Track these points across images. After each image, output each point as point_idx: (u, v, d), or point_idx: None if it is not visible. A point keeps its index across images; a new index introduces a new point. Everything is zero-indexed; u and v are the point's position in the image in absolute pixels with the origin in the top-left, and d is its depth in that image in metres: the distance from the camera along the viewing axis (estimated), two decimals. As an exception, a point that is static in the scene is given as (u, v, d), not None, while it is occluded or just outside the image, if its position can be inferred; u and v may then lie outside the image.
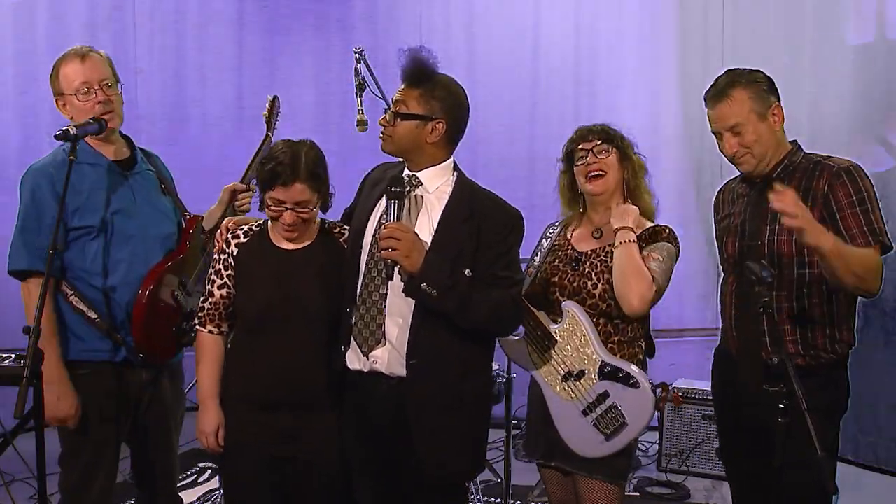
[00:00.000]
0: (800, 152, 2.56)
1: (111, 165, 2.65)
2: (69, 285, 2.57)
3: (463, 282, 2.28)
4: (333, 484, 2.47)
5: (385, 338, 2.34)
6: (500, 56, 5.48)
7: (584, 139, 2.64)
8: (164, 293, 2.64)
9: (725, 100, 2.49)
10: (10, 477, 3.87)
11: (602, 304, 2.56)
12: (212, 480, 4.27)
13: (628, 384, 2.50)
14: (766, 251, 2.49)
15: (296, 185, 2.36)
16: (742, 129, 2.48)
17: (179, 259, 2.71)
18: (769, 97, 2.51)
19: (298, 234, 2.45)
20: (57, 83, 2.62)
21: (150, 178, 2.77)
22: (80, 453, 2.59)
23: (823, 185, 2.44)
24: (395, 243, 2.21)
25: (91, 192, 2.57)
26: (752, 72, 2.54)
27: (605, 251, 2.60)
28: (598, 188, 2.62)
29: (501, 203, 2.43)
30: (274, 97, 3.00)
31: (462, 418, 2.40)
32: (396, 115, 2.34)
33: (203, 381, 2.50)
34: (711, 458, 4.41)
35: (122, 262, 2.59)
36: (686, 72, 5.17)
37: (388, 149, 2.40)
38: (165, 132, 5.32)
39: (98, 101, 2.58)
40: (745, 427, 2.52)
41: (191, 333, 2.70)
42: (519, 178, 5.46)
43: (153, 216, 2.70)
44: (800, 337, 2.46)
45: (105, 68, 2.64)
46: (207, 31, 5.55)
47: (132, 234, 2.62)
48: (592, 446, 2.53)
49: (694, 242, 5.05)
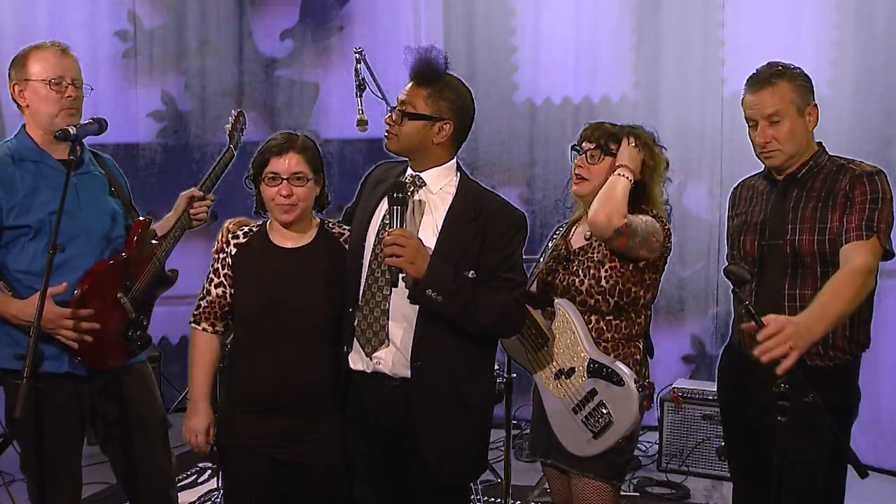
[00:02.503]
0: (825, 154, 2.57)
1: (56, 164, 2.59)
2: (7, 286, 2.51)
3: (467, 286, 2.28)
4: (335, 486, 2.47)
5: (388, 339, 2.33)
6: (499, 56, 5.48)
7: (587, 139, 2.61)
8: (105, 294, 2.57)
9: (769, 87, 2.49)
10: (10, 477, 3.88)
11: (590, 299, 2.54)
12: (212, 480, 4.26)
13: (613, 382, 2.49)
14: (787, 250, 2.49)
15: (290, 154, 2.40)
16: (780, 120, 2.48)
17: (122, 260, 2.64)
18: (809, 95, 2.52)
19: (295, 215, 2.44)
20: (24, 69, 2.58)
21: (97, 179, 2.72)
22: (36, 462, 2.49)
23: (845, 185, 2.45)
24: (399, 250, 2.21)
25: (30, 190, 2.50)
26: (796, 67, 2.55)
27: (591, 248, 2.58)
28: (579, 190, 2.61)
29: (505, 204, 2.44)
30: (239, 112, 2.95)
31: (466, 419, 2.40)
32: (404, 114, 2.34)
33: (195, 380, 2.51)
34: (711, 458, 4.41)
35: (63, 264, 2.48)
36: (686, 72, 5.16)
37: (394, 148, 2.39)
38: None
39: (68, 95, 2.57)
40: (753, 427, 2.52)
41: (138, 342, 2.66)
42: (518, 178, 5.46)
43: (97, 217, 2.65)
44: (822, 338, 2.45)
45: (78, 69, 2.64)
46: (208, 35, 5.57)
47: (74, 235, 2.54)
48: (581, 444, 2.52)
49: (694, 244, 5.06)
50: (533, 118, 5.45)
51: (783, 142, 2.50)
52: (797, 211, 2.50)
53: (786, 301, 2.47)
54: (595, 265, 2.54)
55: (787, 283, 2.49)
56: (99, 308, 2.55)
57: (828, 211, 2.45)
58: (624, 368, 2.50)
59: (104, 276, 2.58)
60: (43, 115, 2.56)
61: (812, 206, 2.49)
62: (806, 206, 2.50)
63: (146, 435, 2.73)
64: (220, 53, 5.60)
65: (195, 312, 2.54)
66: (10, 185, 2.48)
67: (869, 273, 2.33)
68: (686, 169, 5.06)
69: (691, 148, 5.08)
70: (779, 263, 2.51)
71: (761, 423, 2.37)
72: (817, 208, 2.47)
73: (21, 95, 2.59)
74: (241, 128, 2.94)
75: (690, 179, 5.09)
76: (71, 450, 2.61)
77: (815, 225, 2.46)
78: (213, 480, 4.25)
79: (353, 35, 5.51)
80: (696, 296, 5.17)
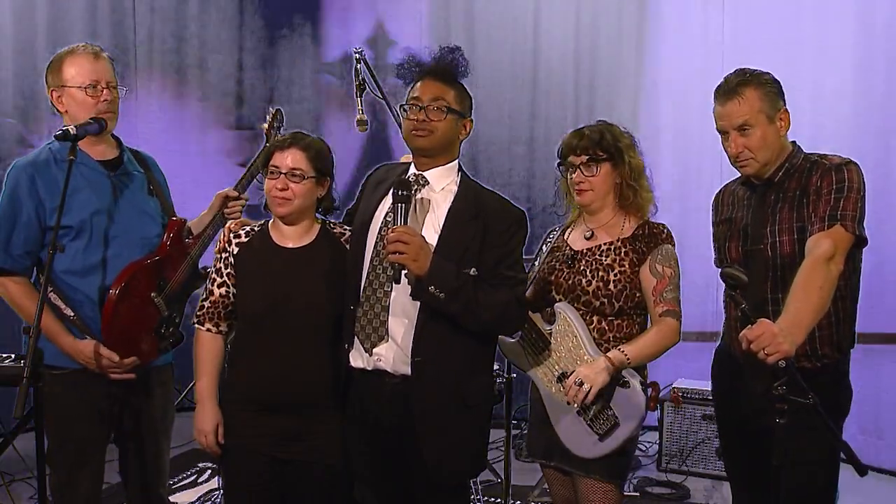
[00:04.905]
0: (800, 154, 2.56)
1: (95, 165, 2.62)
2: (59, 295, 2.54)
3: (469, 283, 2.28)
4: (335, 486, 2.47)
5: (388, 335, 2.34)
6: (500, 56, 5.48)
7: (574, 151, 2.61)
8: (139, 294, 2.60)
9: (736, 98, 2.48)
10: (10, 477, 3.88)
11: (595, 301, 2.55)
12: (212, 480, 4.27)
13: (619, 384, 2.50)
14: (769, 254, 2.49)
15: (292, 150, 2.42)
16: (749, 130, 2.47)
17: (157, 260, 2.66)
18: (778, 100, 2.51)
19: (288, 210, 2.43)
20: (59, 75, 2.60)
21: (137, 179, 2.73)
22: (65, 452, 2.58)
23: (816, 180, 2.45)
24: (402, 247, 2.21)
25: (71, 191, 2.51)
26: (763, 73, 2.53)
27: (599, 249, 2.60)
28: (585, 200, 2.63)
29: (506, 203, 2.45)
30: (277, 110, 2.97)
31: (466, 419, 2.40)
32: (449, 109, 2.35)
33: (201, 380, 2.50)
34: (711, 458, 4.41)
35: (102, 264, 2.56)
36: (686, 72, 5.17)
37: (427, 144, 2.37)
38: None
39: (104, 99, 2.58)
40: (749, 429, 2.52)
41: (169, 339, 2.68)
42: (519, 177, 5.46)
43: (137, 218, 2.67)
44: (807, 339, 2.46)
45: (112, 70, 2.66)
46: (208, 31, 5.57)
47: (114, 236, 2.59)
48: (587, 446, 2.53)
49: (694, 244, 5.05)
50: (533, 118, 5.45)
51: (756, 150, 2.48)
52: (775, 213, 2.50)
53: (770, 305, 2.46)
54: (604, 268, 2.56)
55: (770, 286, 2.49)
56: (133, 307, 2.58)
57: (803, 210, 2.45)
58: (629, 371, 2.51)
59: (139, 275, 2.60)
60: (81, 119, 2.56)
61: (788, 206, 2.48)
62: (783, 208, 2.49)
63: (157, 435, 2.77)
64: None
65: (198, 313, 2.54)
66: (53, 186, 2.50)
67: (830, 259, 2.30)
68: (686, 168, 5.07)
69: (691, 148, 5.09)
70: (762, 268, 2.50)
71: (758, 425, 2.37)
72: (794, 208, 2.47)
73: (59, 101, 2.61)
74: (279, 126, 2.95)
75: (690, 179, 5.10)
76: (94, 442, 2.63)
77: (793, 225, 2.46)
78: (213, 480, 4.25)
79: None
80: (696, 295, 5.16)
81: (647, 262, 2.55)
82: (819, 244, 2.33)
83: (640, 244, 2.57)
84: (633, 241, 2.57)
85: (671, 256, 2.57)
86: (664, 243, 2.58)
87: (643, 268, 2.55)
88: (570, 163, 2.62)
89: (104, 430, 2.65)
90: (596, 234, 2.64)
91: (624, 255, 2.57)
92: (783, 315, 2.21)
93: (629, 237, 2.59)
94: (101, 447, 2.65)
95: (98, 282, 2.56)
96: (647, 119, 5.21)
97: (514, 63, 5.51)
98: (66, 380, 2.54)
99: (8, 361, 3.40)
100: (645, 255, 2.56)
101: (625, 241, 2.58)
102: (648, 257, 2.55)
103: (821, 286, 2.25)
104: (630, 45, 5.36)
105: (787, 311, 2.22)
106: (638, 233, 2.58)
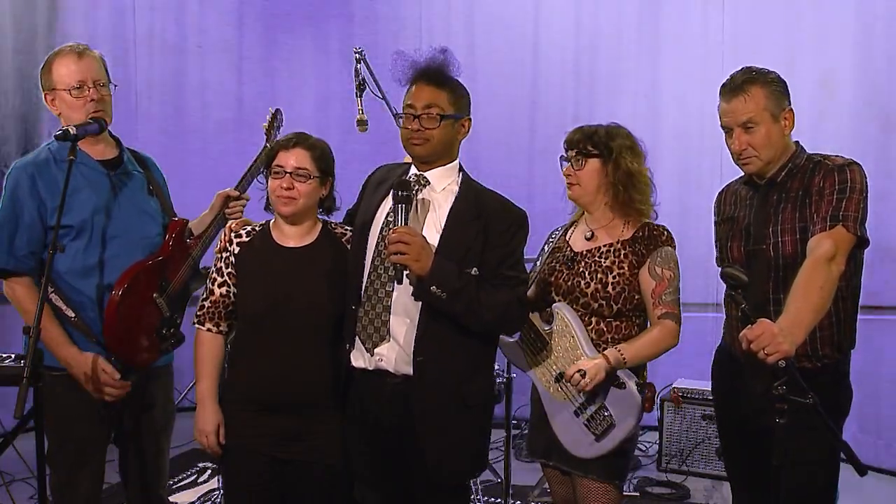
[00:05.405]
0: (803, 154, 2.56)
1: (95, 165, 2.62)
2: (60, 296, 2.53)
3: (471, 283, 2.29)
4: (335, 486, 2.47)
5: (390, 335, 2.34)
6: (500, 56, 5.48)
7: (569, 146, 2.64)
8: (141, 294, 2.59)
9: (741, 95, 2.48)
10: (10, 477, 3.88)
11: (594, 302, 2.56)
12: (212, 480, 4.27)
13: (614, 384, 2.50)
14: (771, 254, 2.49)
15: (297, 149, 2.43)
16: (754, 127, 2.47)
17: (159, 261, 2.66)
18: (783, 100, 2.51)
19: (293, 209, 2.44)
20: (49, 78, 2.59)
21: (137, 179, 2.72)
22: (65, 452, 2.57)
23: (819, 181, 2.45)
24: (404, 247, 2.22)
25: (71, 191, 2.50)
26: (770, 72, 2.53)
27: (599, 251, 2.61)
28: (573, 194, 2.66)
29: (507, 203, 2.45)
30: (276, 110, 2.96)
31: (466, 419, 2.40)
32: (442, 117, 2.35)
33: (202, 381, 2.50)
34: (711, 458, 4.41)
35: (102, 263, 2.55)
36: (686, 72, 5.17)
37: (424, 152, 2.37)
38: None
39: (91, 98, 2.57)
40: (749, 429, 2.52)
41: (171, 340, 2.67)
42: (519, 177, 5.46)
43: (137, 217, 2.66)
44: (807, 339, 2.46)
45: (100, 67, 2.63)
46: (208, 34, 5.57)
47: (115, 235, 2.58)
48: (584, 446, 2.53)
49: (693, 245, 5.04)
50: (533, 117, 5.46)
51: (759, 148, 2.48)
52: (778, 214, 2.50)
53: (771, 305, 2.46)
54: (603, 271, 2.56)
55: (772, 286, 2.48)
56: (135, 308, 2.57)
57: (805, 210, 2.45)
58: (625, 371, 2.51)
59: (141, 276, 2.60)
60: (74, 121, 2.54)
61: (791, 206, 2.48)
62: (786, 208, 2.49)
63: (157, 436, 2.76)
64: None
65: (199, 313, 2.54)
66: (53, 186, 2.49)
67: (831, 259, 2.29)
68: (686, 168, 5.07)
69: (691, 148, 5.09)
70: (763, 268, 2.50)
71: (758, 425, 2.37)
72: (796, 208, 2.47)
73: (53, 104, 2.61)
74: (279, 126, 2.94)
75: (691, 178, 5.10)
76: (94, 443, 2.63)
77: (796, 225, 2.46)
78: (213, 480, 4.25)
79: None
80: (696, 295, 5.17)
81: (647, 265, 2.55)
82: (820, 244, 2.33)
83: (640, 246, 2.57)
84: (633, 243, 2.57)
85: (671, 259, 2.57)
86: (664, 245, 2.58)
87: (642, 270, 2.55)
88: (566, 157, 2.64)
89: (104, 430, 2.64)
90: (596, 235, 2.64)
91: (623, 257, 2.57)
92: (783, 315, 2.21)
93: (629, 239, 2.59)
94: (101, 447, 2.65)
95: (98, 281, 2.55)
96: (647, 119, 5.20)
97: (514, 63, 5.50)
98: (66, 380, 2.53)
99: (8, 361, 3.40)
100: (644, 257, 2.56)
101: (624, 242, 2.59)
102: (648, 259, 2.55)
103: (821, 286, 2.26)
104: (630, 46, 5.36)
105: (788, 310, 2.22)
106: (638, 235, 2.58)
